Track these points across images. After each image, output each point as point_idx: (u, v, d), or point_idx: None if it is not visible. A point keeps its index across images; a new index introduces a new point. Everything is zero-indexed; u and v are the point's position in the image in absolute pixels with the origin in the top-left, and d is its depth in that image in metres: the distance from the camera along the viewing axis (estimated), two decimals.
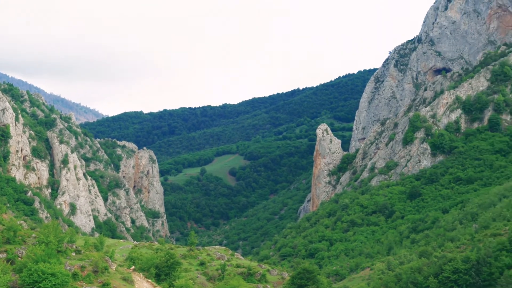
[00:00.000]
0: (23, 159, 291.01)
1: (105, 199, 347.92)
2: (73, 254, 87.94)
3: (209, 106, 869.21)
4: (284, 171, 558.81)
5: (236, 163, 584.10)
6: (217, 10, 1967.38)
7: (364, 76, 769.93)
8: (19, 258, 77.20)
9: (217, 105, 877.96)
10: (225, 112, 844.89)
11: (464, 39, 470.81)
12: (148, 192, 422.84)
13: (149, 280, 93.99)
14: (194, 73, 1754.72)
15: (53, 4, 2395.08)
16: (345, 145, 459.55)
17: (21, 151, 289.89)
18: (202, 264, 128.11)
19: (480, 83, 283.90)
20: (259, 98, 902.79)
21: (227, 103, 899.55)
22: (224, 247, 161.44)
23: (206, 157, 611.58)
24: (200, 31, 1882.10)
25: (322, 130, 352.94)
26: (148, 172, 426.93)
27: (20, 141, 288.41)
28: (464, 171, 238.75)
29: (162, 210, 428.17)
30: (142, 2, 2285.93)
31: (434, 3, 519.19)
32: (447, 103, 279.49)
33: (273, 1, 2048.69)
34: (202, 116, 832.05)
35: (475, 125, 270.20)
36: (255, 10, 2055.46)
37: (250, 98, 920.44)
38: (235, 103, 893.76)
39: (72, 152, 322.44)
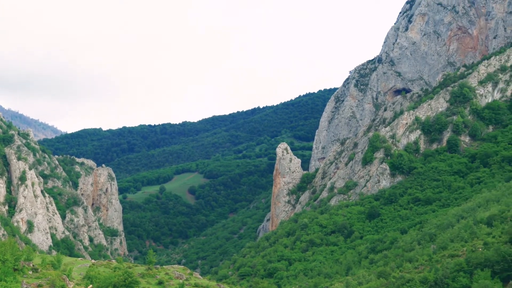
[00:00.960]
0: None
1: (63, 217, 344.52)
2: (30, 272, 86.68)
3: (169, 124, 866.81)
4: (244, 190, 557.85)
5: (196, 182, 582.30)
6: (177, 27, 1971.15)
7: (324, 95, 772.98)
8: None
9: (177, 123, 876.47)
10: (185, 130, 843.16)
11: (424, 60, 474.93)
12: (107, 210, 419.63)
13: None
14: (154, 90, 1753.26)
15: (12, 19, 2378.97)
16: (305, 164, 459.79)
17: None
18: (160, 283, 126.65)
19: (439, 104, 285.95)
20: (219, 116, 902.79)
21: (187, 121, 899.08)
22: (182, 266, 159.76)
23: (165, 175, 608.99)
24: (161, 48, 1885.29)
25: (282, 149, 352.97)
26: (106, 189, 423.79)
27: None
28: (422, 192, 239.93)
29: (120, 228, 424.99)
30: (101, 19, 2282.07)
31: (394, 24, 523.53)
32: (406, 123, 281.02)
33: (234, 19, 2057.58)
34: (161, 133, 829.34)
35: (434, 146, 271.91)
36: (216, 27, 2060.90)
37: (210, 116, 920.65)
38: (195, 121, 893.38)
39: (30, 169, 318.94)
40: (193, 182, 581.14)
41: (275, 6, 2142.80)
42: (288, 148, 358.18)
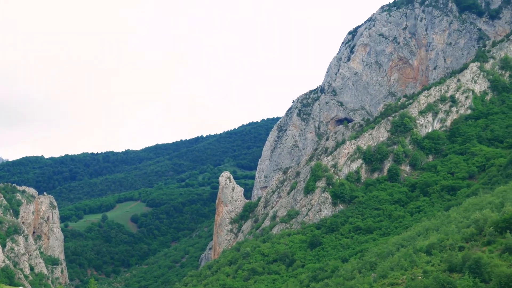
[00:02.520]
0: None
1: (3, 246, 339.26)
2: None
3: (112, 152, 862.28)
4: (186, 218, 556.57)
5: (138, 210, 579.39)
6: (120, 54, 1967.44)
7: (267, 124, 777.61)
8: None
9: (120, 151, 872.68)
10: (128, 158, 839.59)
11: (366, 90, 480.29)
12: (48, 239, 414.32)
13: None
14: (96, 118, 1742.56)
15: None
16: (248, 193, 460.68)
17: None
18: None
19: (380, 134, 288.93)
20: (163, 145, 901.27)
21: (130, 149, 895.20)
22: None
23: (107, 204, 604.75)
24: (104, 76, 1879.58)
25: (225, 177, 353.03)
26: (48, 218, 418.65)
27: None
28: (363, 221, 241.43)
29: (61, 257, 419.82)
30: (42, 45, 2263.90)
31: (337, 54, 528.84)
32: (348, 153, 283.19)
33: (177, 47, 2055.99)
34: (104, 162, 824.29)
35: (375, 175, 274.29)
36: (159, 55, 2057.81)
37: (154, 144, 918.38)
38: (138, 149, 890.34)
39: None
40: (135, 211, 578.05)
41: (219, 36, 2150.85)
42: (231, 177, 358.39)
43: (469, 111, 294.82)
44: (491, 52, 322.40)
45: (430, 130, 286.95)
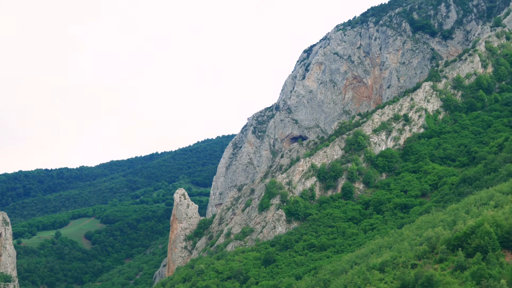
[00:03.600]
0: None
1: None
2: None
3: (66, 168, 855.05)
4: (141, 235, 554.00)
5: (92, 227, 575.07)
6: (75, 69, 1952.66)
7: (222, 141, 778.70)
8: None
9: (74, 167, 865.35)
10: (82, 174, 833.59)
11: (320, 108, 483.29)
12: (0, 256, 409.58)
13: None
14: (51, 133, 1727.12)
15: None
16: (202, 210, 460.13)
17: None
18: None
19: (334, 152, 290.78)
20: (117, 161, 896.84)
21: (85, 165, 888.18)
22: None
23: (61, 220, 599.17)
24: (58, 90, 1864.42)
25: (180, 194, 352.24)
26: (0, 234, 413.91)
27: None
28: (317, 238, 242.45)
29: (14, 274, 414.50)
30: None
31: (292, 72, 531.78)
32: (302, 170, 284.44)
33: (133, 63, 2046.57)
34: (58, 178, 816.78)
35: (329, 192, 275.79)
36: (114, 70, 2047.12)
37: (108, 161, 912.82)
38: (93, 166, 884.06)
39: None
40: (89, 227, 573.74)
41: (174, 53, 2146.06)
42: (186, 194, 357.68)
43: (422, 130, 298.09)
44: (443, 72, 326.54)
45: (383, 148, 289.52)
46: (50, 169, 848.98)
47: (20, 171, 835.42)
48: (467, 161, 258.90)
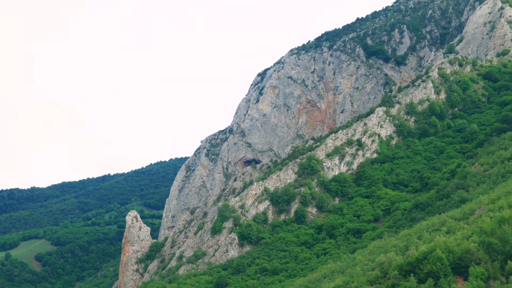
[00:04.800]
0: None
1: None
2: None
3: (17, 189, 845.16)
4: (92, 257, 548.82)
5: (43, 249, 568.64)
6: (27, 89, 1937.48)
7: (175, 164, 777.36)
8: None
9: (25, 188, 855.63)
10: (34, 195, 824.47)
11: (274, 132, 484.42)
12: None
13: None
14: (1, 153, 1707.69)
15: None
16: (155, 232, 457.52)
17: None
18: None
19: (288, 176, 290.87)
20: (69, 183, 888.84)
21: (36, 186, 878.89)
22: None
23: (11, 241, 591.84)
24: (9, 110, 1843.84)
25: (132, 217, 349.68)
26: None
27: None
28: (270, 262, 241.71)
29: None
30: None
31: (246, 95, 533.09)
32: (255, 194, 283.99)
33: (86, 85, 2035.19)
34: (9, 199, 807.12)
35: (282, 216, 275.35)
36: (66, 92, 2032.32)
37: (60, 182, 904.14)
38: (44, 187, 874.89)
39: None
40: (40, 249, 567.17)
41: (126, 74, 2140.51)
42: (138, 216, 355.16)
43: (375, 155, 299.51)
44: (397, 97, 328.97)
45: (336, 173, 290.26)
46: (0, 189, 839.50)
47: None
48: (420, 187, 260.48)
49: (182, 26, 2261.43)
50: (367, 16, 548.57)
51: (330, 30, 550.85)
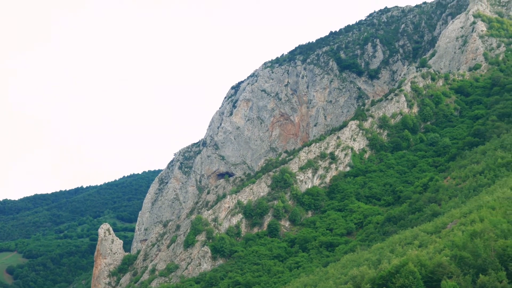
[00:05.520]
0: None
1: None
2: None
3: None
4: (64, 270, 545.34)
5: (14, 261, 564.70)
6: (1, 101, 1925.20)
7: (148, 176, 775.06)
8: None
9: None
10: (5, 208, 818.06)
11: (247, 145, 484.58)
12: None
13: None
14: None
15: None
16: (127, 245, 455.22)
17: None
18: None
19: (261, 189, 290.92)
20: (41, 195, 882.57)
21: (8, 198, 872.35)
22: None
23: None
24: None
25: (104, 229, 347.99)
26: None
27: None
28: (243, 276, 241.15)
29: None
30: None
31: (219, 108, 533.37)
32: (229, 207, 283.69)
33: (57, 97, 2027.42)
34: None
35: (255, 230, 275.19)
36: (37, 103, 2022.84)
37: (32, 194, 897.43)
38: (16, 199, 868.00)
39: None
40: (11, 262, 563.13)
41: (100, 86, 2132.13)
42: (111, 229, 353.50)
43: (348, 168, 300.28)
44: (370, 111, 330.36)
45: (309, 186, 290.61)
46: None
47: None
48: (392, 200, 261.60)
49: (157, 39, 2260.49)
50: (340, 29, 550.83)
51: (304, 43, 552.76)
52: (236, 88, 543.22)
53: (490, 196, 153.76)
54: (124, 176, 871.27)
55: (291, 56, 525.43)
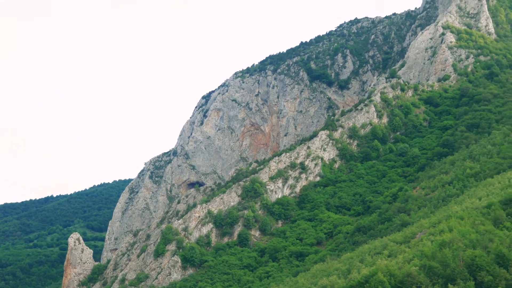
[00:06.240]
0: None
1: None
2: None
3: None
4: (34, 280, 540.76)
5: None
6: None
7: (119, 186, 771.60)
8: None
9: None
10: None
11: (218, 155, 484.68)
12: None
13: None
14: None
15: None
16: (97, 255, 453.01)
17: None
18: None
19: (231, 199, 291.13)
20: (11, 204, 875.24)
21: None
22: None
23: None
24: None
25: (74, 239, 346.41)
26: None
27: None
28: (213, 285, 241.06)
29: None
30: None
31: (190, 118, 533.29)
32: (199, 216, 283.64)
33: (25, 107, 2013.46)
34: None
35: (225, 239, 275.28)
36: (8, 114, 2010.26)
37: (1, 203, 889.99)
38: None
39: None
40: None
41: (70, 93, 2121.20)
42: (81, 238, 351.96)
43: (318, 178, 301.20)
44: (340, 121, 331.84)
45: (280, 196, 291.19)
46: None
47: None
48: (362, 210, 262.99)
49: (127, 48, 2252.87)
50: (311, 40, 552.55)
51: (275, 53, 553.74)
52: (207, 97, 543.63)
53: (458, 206, 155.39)
54: (94, 185, 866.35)
55: (262, 66, 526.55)
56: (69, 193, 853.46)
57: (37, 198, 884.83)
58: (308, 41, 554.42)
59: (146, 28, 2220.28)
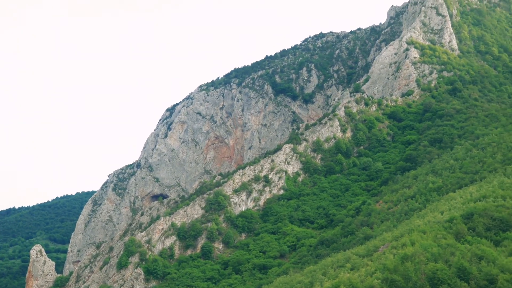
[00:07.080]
0: None
1: None
2: None
3: None
4: None
5: None
6: None
7: (82, 198, 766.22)
8: None
9: None
10: None
11: (182, 167, 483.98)
12: None
13: None
14: None
15: None
16: (60, 267, 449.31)
17: None
18: None
19: (195, 211, 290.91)
20: None
21: None
22: None
23: None
24: None
25: (36, 251, 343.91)
26: None
27: None
28: None
29: None
30: None
31: (154, 130, 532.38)
32: (162, 229, 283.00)
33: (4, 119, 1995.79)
34: None
35: (189, 252, 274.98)
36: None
37: None
38: None
39: None
40: None
41: (34, 104, 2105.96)
42: (43, 250, 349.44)
43: (282, 191, 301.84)
44: (304, 135, 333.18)
45: (243, 209, 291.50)
46: None
47: None
48: (325, 224, 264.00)
49: (92, 56, 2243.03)
50: (276, 54, 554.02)
51: (240, 67, 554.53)
52: (171, 110, 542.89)
53: (421, 220, 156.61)
54: (57, 197, 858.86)
55: (227, 80, 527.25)
56: (31, 205, 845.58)
57: None
58: (273, 54, 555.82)
59: (110, 38, 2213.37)
